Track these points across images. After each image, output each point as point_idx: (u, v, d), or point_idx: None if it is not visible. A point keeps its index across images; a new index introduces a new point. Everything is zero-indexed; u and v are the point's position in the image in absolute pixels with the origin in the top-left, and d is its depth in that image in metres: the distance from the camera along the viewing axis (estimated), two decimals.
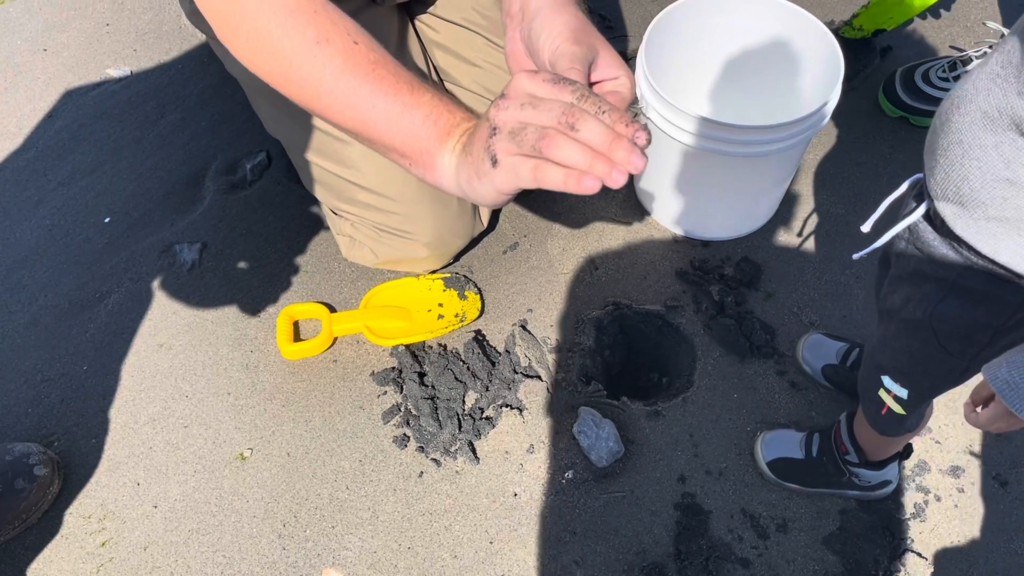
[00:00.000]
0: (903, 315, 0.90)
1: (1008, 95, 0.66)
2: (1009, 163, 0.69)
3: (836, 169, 1.58)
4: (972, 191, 0.73)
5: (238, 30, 0.82)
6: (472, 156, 0.70)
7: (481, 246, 1.50)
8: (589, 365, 1.37)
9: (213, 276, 1.47)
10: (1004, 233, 0.73)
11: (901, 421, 1.01)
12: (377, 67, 0.79)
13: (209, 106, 1.69)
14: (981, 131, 0.70)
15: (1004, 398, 0.71)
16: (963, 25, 1.77)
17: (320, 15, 0.80)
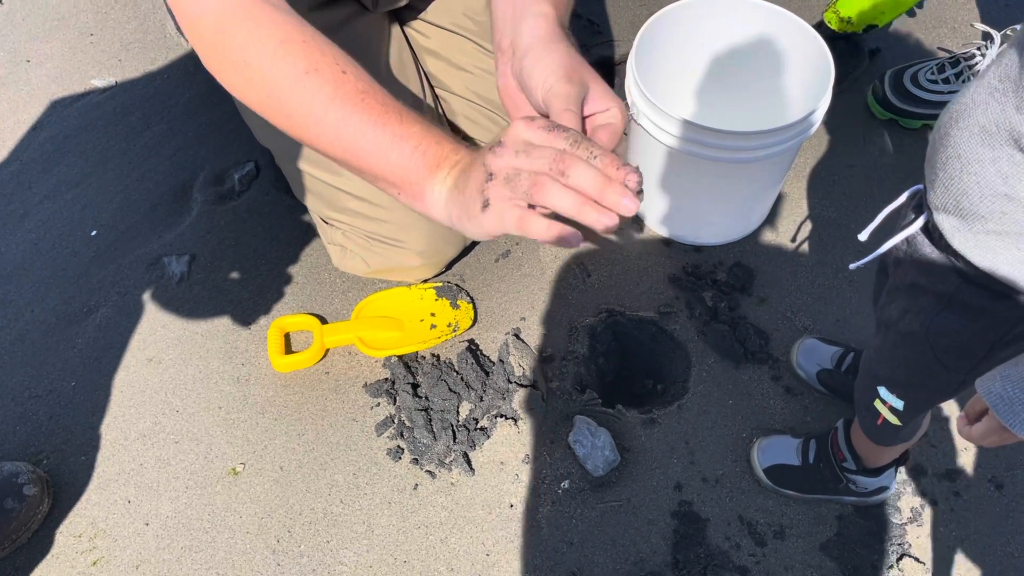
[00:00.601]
0: (900, 327, 0.90)
1: (1007, 109, 0.65)
2: (1007, 179, 0.68)
3: (827, 172, 1.58)
4: (971, 205, 0.73)
5: (226, 60, 0.82)
6: (464, 195, 0.71)
7: (473, 254, 1.50)
8: (583, 373, 1.36)
9: (202, 288, 1.45)
10: (1002, 247, 0.73)
11: (896, 432, 1.01)
12: (366, 97, 0.79)
13: (196, 116, 1.68)
14: (979, 146, 0.70)
15: (997, 412, 0.70)
16: (950, 26, 1.78)
17: (309, 45, 0.81)
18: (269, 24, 0.81)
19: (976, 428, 0.76)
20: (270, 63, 0.80)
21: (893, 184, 1.55)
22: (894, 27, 1.77)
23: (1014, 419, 0.70)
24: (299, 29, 0.82)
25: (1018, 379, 0.70)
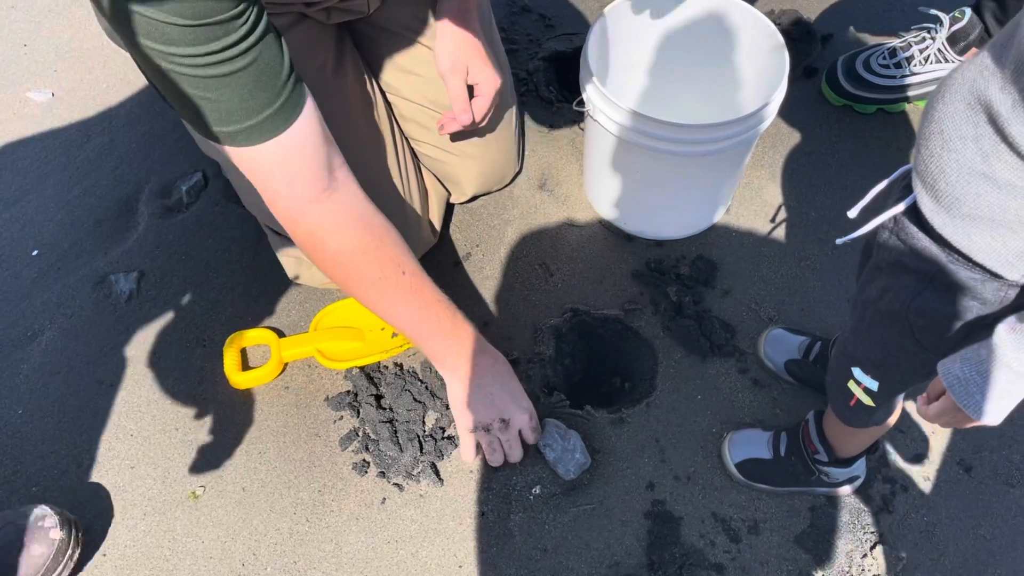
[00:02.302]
0: (879, 306, 0.89)
1: (991, 87, 0.65)
2: (987, 157, 0.68)
3: (785, 161, 1.57)
4: (948, 185, 0.73)
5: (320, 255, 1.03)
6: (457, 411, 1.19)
7: (433, 259, 1.46)
8: (550, 375, 1.34)
9: (153, 306, 1.40)
10: (978, 232, 0.73)
11: (870, 413, 1.00)
12: (421, 291, 1.10)
13: (138, 126, 1.62)
14: (963, 122, 0.69)
15: (953, 393, 0.71)
16: (899, 10, 1.78)
17: (380, 251, 1.03)
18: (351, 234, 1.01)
19: (932, 407, 0.77)
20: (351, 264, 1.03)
21: (851, 170, 1.55)
22: (846, 13, 1.78)
23: (968, 400, 0.71)
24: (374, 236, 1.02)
25: (977, 361, 0.71)
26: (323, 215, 0.97)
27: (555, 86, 1.67)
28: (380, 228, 1.03)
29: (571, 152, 1.59)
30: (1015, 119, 0.64)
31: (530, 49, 1.74)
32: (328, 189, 0.96)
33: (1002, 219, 0.70)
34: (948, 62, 1.51)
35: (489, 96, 1.27)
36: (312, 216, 0.97)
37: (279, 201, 0.95)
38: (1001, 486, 1.24)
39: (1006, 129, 0.65)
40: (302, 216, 0.96)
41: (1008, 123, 0.64)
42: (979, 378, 0.70)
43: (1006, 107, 0.64)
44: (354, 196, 1.00)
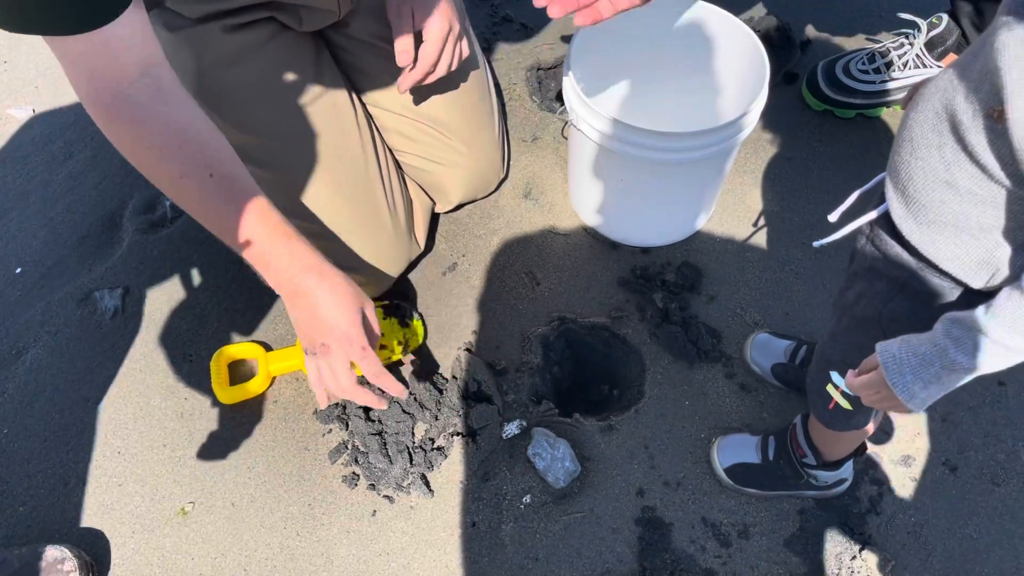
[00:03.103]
0: (855, 311, 0.91)
1: (956, 97, 0.67)
2: (949, 165, 0.69)
3: (767, 166, 1.58)
4: (916, 192, 0.75)
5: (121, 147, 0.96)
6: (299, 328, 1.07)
7: (419, 269, 1.47)
8: (539, 384, 1.35)
9: (138, 322, 1.40)
10: (942, 240, 0.75)
11: (848, 417, 1.02)
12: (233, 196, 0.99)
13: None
14: (930, 131, 0.71)
15: (886, 370, 0.74)
16: (877, 15, 1.80)
17: (184, 151, 0.95)
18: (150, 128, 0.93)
19: (861, 378, 0.80)
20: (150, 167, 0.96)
21: (832, 175, 1.56)
22: (825, 18, 1.79)
23: (898, 379, 0.74)
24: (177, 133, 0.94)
25: (916, 344, 0.74)
26: (121, 110, 0.91)
27: (538, 95, 1.68)
28: (190, 129, 0.95)
29: (555, 161, 1.59)
30: (974, 128, 0.65)
31: (513, 59, 1.75)
32: (136, 84, 0.90)
33: (964, 226, 0.72)
34: (926, 67, 1.52)
35: (436, 42, 1.20)
36: (111, 110, 0.92)
37: (79, 90, 0.92)
38: (987, 485, 1.25)
39: (966, 138, 0.66)
40: (101, 108, 0.92)
41: (968, 132, 0.66)
42: (914, 360, 0.73)
43: (967, 116, 0.66)
44: (161, 94, 0.93)
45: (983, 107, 0.64)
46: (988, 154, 0.65)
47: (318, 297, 1.02)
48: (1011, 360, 0.69)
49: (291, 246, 1.02)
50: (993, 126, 0.63)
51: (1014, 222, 0.69)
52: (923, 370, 0.73)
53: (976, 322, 0.69)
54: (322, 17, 1.24)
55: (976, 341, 0.69)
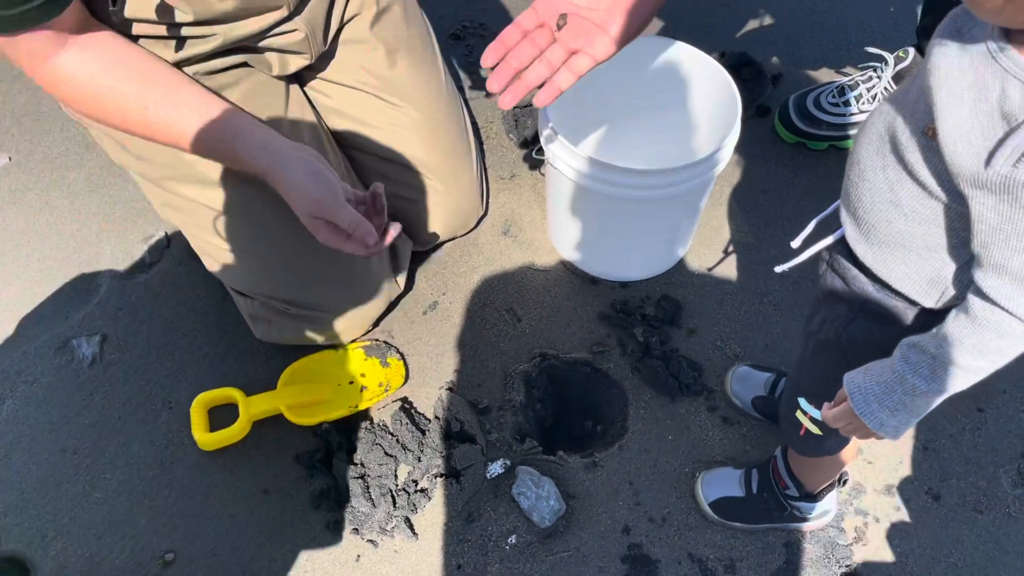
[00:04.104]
0: (819, 336, 0.93)
1: (897, 119, 0.69)
2: (892, 185, 0.72)
3: (743, 199, 1.60)
4: (865, 213, 0.77)
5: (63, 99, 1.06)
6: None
7: (400, 308, 1.46)
8: (522, 421, 1.34)
9: (117, 369, 1.38)
10: (893, 260, 0.77)
11: (820, 442, 1.02)
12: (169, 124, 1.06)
13: (99, 190, 1.61)
14: (875, 153, 0.74)
15: (851, 399, 0.76)
16: (845, 48, 1.84)
17: (114, 92, 1.02)
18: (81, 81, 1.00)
19: (833, 411, 0.81)
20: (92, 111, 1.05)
21: (806, 206, 1.58)
22: (795, 52, 1.83)
23: (865, 408, 0.75)
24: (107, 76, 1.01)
25: (879, 372, 0.75)
26: (51, 71, 0.98)
27: (515, 133, 1.69)
28: (115, 71, 1.01)
29: (533, 197, 1.60)
30: (912, 147, 0.68)
31: (490, 96, 1.77)
32: (60, 51, 0.97)
33: (911, 245, 0.74)
34: None
35: None
36: (42, 74, 0.99)
37: (14, 65, 0.99)
38: (970, 512, 1.25)
39: (906, 157, 0.69)
40: (34, 72, 0.99)
41: (907, 150, 0.68)
42: (877, 388, 0.75)
43: (906, 136, 0.68)
44: (81, 49, 0.99)
45: (919, 125, 0.67)
46: (926, 171, 0.67)
47: (280, 192, 1.07)
48: (969, 380, 0.71)
49: (235, 159, 1.08)
50: (928, 143, 0.66)
51: (956, 239, 0.71)
52: (887, 397, 0.75)
53: (928, 346, 0.71)
54: (295, 61, 1.25)
55: (931, 365, 0.71)
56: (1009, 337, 0.67)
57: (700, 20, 1.89)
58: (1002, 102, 0.58)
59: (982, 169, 0.60)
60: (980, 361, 0.69)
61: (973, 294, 0.68)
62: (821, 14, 1.91)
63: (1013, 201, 0.60)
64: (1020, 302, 0.64)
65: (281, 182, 1.06)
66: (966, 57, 0.61)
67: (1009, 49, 0.59)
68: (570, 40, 0.95)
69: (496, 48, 0.95)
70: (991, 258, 0.65)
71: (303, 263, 1.26)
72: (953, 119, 0.61)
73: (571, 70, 0.96)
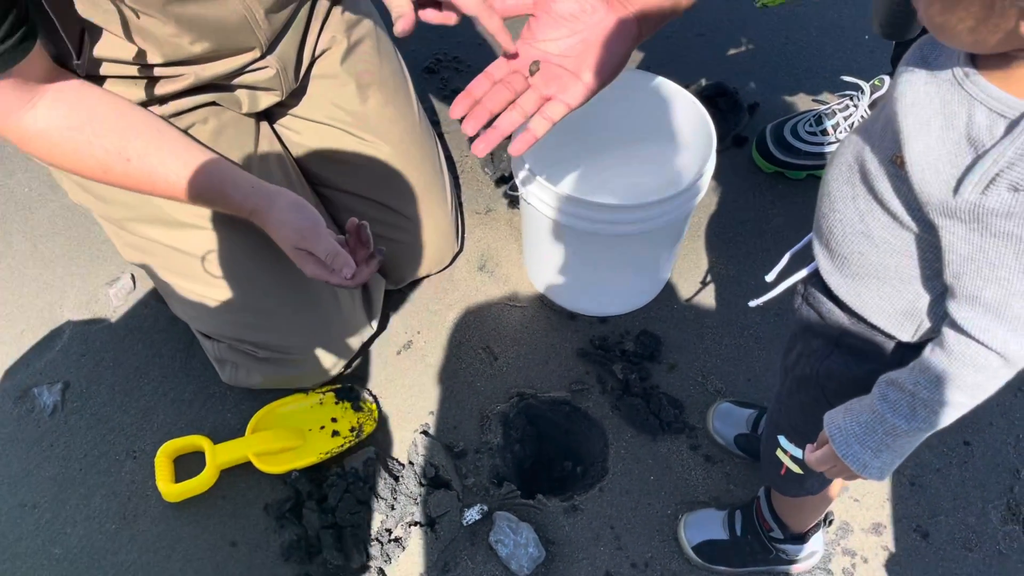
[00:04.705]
0: (796, 372, 0.91)
1: (866, 148, 0.68)
2: (863, 216, 0.70)
3: (721, 230, 1.58)
4: (837, 245, 0.76)
5: (38, 156, 1.02)
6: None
7: (373, 348, 1.43)
8: (500, 465, 1.30)
9: (79, 418, 1.34)
10: (867, 290, 0.76)
11: (801, 482, 0.99)
12: (153, 173, 1.04)
13: (63, 231, 1.56)
14: (844, 183, 0.73)
15: (832, 440, 0.73)
16: (821, 76, 1.83)
17: (93, 147, 1.00)
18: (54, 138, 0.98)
19: (815, 454, 0.78)
20: (72, 167, 1.03)
21: (786, 236, 1.56)
22: (771, 81, 1.82)
23: (847, 450, 0.72)
24: (83, 133, 0.99)
25: (858, 412, 0.72)
26: (22, 127, 0.96)
27: (490, 167, 1.67)
28: (91, 124, 0.99)
29: (509, 232, 1.58)
30: (881, 176, 0.66)
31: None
32: (28, 104, 0.94)
33: (885, 277, 0.73)
34: None
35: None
36: (13, 129, 0.96)
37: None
38: (959, 550, 1.22)
39: (875, 186, 0.67)
40: (4, 128, 0.96)
41: (876, 180, 0.67)
42: (858, 429, 0.72)
43: (874, 165, 0.67)
44: (52, 104, 0.96)
45: (887, 154, 0.65)
46: (895, 200, 0.66)
47: (266, 228, 1.08)
48: (951, 416, 0.68)
49: (225, 202, 1.07)
50: (896, 172, 0.64)
51: (930, 270, 0.69)
52: (868, 438, 0.72)
53: (906, 383, 0.69)
54: (266, 98, 1.22)
55: (910, 403, 0.69)
56: (986, 371, 0.65)
57: (675, 50, 1.88)
58: (969, 128, 0.58)
59: (951, 197, 0.59)
60: (959, 396, 0.66)
61: (948, 327, 0.66)
62: (797, 43, 1.90)
63: (983, 230, 0.59)
64: (995, 334, 0.62)
65: (267, 218, 1.05)
66: (932, 84, 0.61)
67: (975, 75, 0.58)
68: (543, 86, 0.93)
69: (464, 100, 0.92)
70: (964, 289, 0.63)
71: (271, 304, 1.23)
72: (920, 147, 0.60)
73: (545, 117, 0.94)
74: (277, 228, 1.06)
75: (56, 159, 1.02)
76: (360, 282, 1.09)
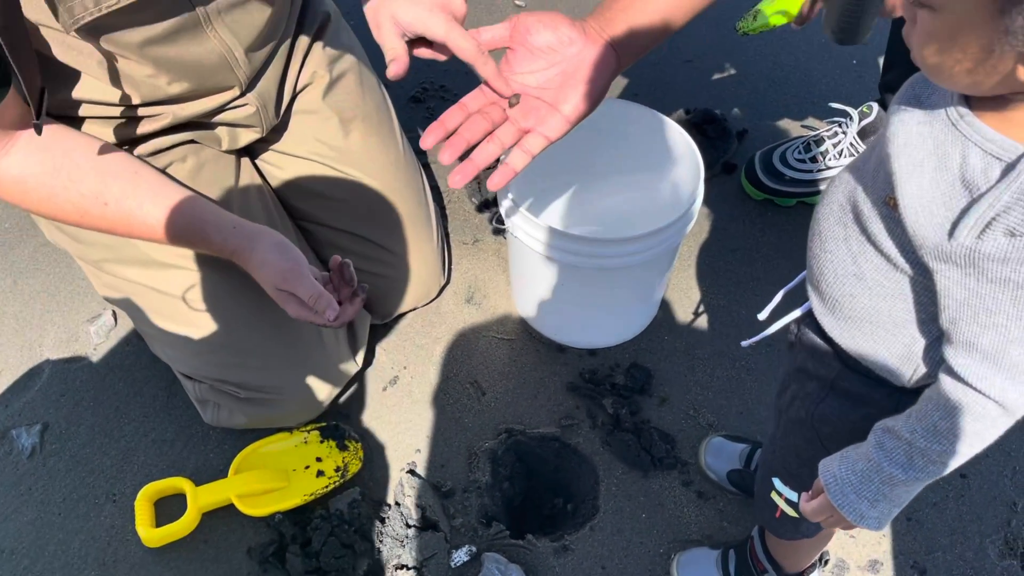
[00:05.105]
0: (790, 414, 0.89)
1: (858, 188, 0.66)
2: (856, 257, 0.69)
3: (711, 259, 1.56)
4: (828, 287, 0.74)
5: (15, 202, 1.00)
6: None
7: (358, 385, 1.40)
8: (488, 504, 1.28)
9: (58, 460, 1.31)
10: (861, 334, 0.74)
11: (796, 525, 0.97)
12: (130, 217, 1.01)
13: (43, 268, 1.54)
14: (836, 224, 0.71)
15: (828, 489, 0.71)
16: (810, 102, 1.83)
17: (69, 192, 0.97)
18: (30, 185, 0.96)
19: (810, 504, 0.75)
20: (49, 213, 1.02)
21: (777, 264, 1.55)
22: (759, 107, 1.81)
23: (842, 500, 0.70)
24: (59, 179, 0.96)
25: (854, 460, 0.70)
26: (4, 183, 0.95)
27: (477, 196, 1.65)
28: (67, 169, 0.97)
29: (497, 263, 1.56)
30: (873, 217, 0.65)
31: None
32: (2, 151, 0.92)
33: (878, 320, 0.71)
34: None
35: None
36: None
37: None
38: None
39: (868, 227, 0.66)
40: None
41: (869, 221, 0.65)
42: (854, 478, 0.69)
43: (867, 206, 0.65)
44: (27, 150, 0.94)
45: (880, 195, 0.64)
46: (889, 242, 0.64)
47: (248, 269, 1.05)
48: (949, 465, 0.66)
49: (206, 243, 1.05)
50: (890, 213, 0.63)
51: (925, 314, 0.67)
52: (864, 487, 0.69)
53: (902, 431, 0.66)
54: (246, 135, 1.20)
55: (907, 452, 0.66)
56: (985, 420, 0.63)
57: (663, 76, 1.87)
58: (963, 170, 0.56)
59: (945, 241, 0.57)
60: (958, 446, 0.64)
61: (944, 373, 0.64)
62: (785, 68, 1.90)
63: (979, 275, 0.57)
64: (993, 382, 0.60)
65: (249, 259, 1.03)
66: (925, 124, 0.59)
67: (969, 115, 0.57)
68: (521, 119, 0.91)
69: (436, 130, 0.90)
70: (960, 335, 0.61)
71: (253, 344, 1.21)
72: (913, 188, 0.59)
73: (524, 150, 0.92)
74: (259, 269, 1.04)
75: (32, 205, 0.99)
76: (344, 322, 1.07)
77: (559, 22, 0.89)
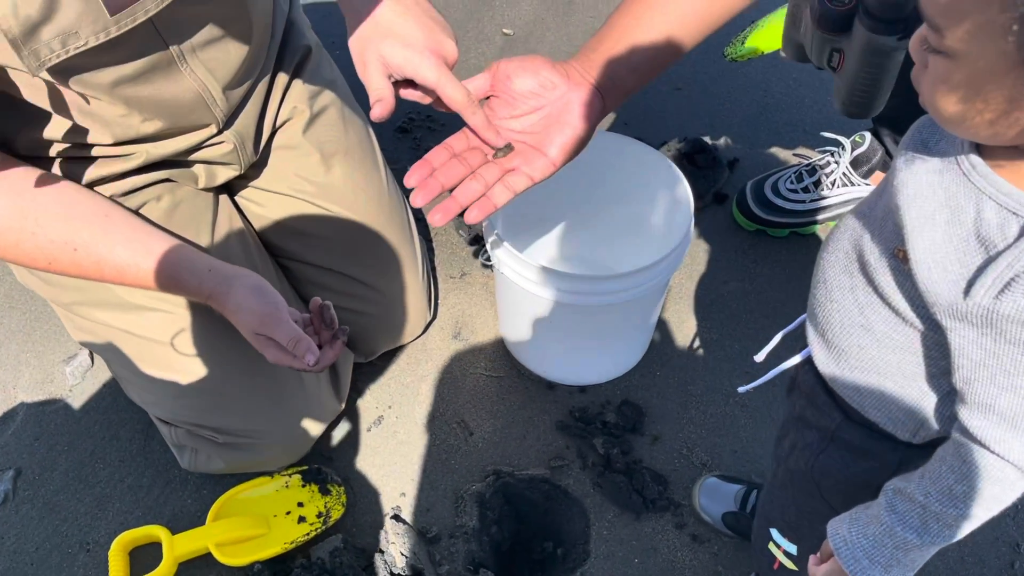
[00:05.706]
0: (788, 464, 0.86)
1: (864, 237, 0.64)
2: (863, 308, 0.66)
3: (703, 292, 1.53)
4: (834, 336, 0.70)
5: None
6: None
7: (342, 425, 1.37)
8: (476, 550, 1.23)
9: (31, 508, 1.26)
10: (866, 386, 0.71)
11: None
12: (102, 261, 0.98)
13: (18, 307, 1.50)
14: (842, 272, 0.68)
15: (839, 555, 0.66)
16: (801, 130, 1.80)
17: (37, 238, 0.94)
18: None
19: (820, 568, 0.71)
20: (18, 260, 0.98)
21: (770, 296, 1.52)
22: (750, 136, 1.79)
23: (855, 566, 0.65)
24: (26, 224, 0.93)
25: (865, 523, 0.66)
26: None
27: (464, 229, 1.62)
28: (34, 214, 0.93)
29: (485, 298, 1.52)
30: (881, 269, 0.62)
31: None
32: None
33: (886, 372, 0.68)
34: (854, 185, 1.51)
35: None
36: None
37: None
38: None
39: (875, 279, 0.63)
40: None
41: (876, 272, 0.62)
42: (866, 543, 0.65)
43: (874, 256, 0.62)
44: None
45: (888, 246, 0.61)
46: (898, 295, 0.61)
47: (224, 313, 1.02)
48: (965, 530, 0.62)
49: (180, 287, 1.01)
50: (899, 266, 0.60)
51: (936, 368, 0.64)
52: (877, 553, 0.65)
53: (915, 494, 0.62)
54: (224, 172, 1.17)
55: (921, 516, 0.62)
56: (1003, 483, 0.59)
57: (653, 105, 1.85)
58: (978, 225, 0.53)
59: (961, 299, 0.54)
60: (974, 509, 0.60)
61: (959, 433, 0.60)
62: (776, 96, 1.88)
63: (998, 336, 0.54)
64: (1011, 446, 0.57)
65: (226, 303, 0.99)
66: (935, 174, 0.56)
67: (982, 166, 0.53)
68: (505, 160, 0.89)
69: (420, 168, 0.88)
70: (976, 396, 0.58)
71: (230, 387, 1.17)
72: (925, 243, 0.55)
73: (507, 187, 0.89)
74: (236, 313, 1.00)
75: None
76: (324, 366, 1.03)
77: (540, 66, 0.87)
